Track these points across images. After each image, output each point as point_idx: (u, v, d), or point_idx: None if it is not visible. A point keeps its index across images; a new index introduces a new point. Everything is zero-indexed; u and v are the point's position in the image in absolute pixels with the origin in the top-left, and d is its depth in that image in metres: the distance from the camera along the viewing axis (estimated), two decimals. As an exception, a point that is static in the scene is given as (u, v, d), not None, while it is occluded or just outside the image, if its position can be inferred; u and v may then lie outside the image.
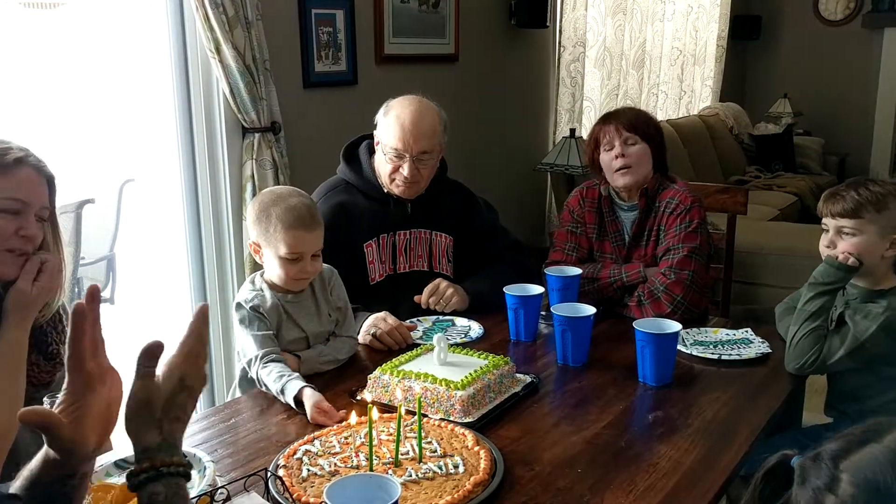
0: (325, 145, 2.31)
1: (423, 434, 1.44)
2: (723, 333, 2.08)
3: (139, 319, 5.46)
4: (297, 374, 1.71)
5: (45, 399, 1.20)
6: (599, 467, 1.42)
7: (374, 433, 1.42)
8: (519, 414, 1.64)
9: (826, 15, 6.83)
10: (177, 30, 2.79)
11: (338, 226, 2.18)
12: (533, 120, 4.61)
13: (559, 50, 4.53)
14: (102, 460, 1.31)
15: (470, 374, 1.64)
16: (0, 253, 1.41)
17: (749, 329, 2.09)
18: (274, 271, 1.84)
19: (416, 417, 1.44)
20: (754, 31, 6.96)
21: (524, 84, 4.46)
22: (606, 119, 2.29)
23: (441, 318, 2.22)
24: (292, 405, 1.63)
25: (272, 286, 1.86)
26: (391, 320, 2.04)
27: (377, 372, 1.70)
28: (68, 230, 4.19)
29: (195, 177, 2.92)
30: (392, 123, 2.18)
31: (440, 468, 1.37)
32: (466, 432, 1.49)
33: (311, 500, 1.26)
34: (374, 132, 2.26)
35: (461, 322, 2.19)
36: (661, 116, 5.80)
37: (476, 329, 2.14)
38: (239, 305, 1.83)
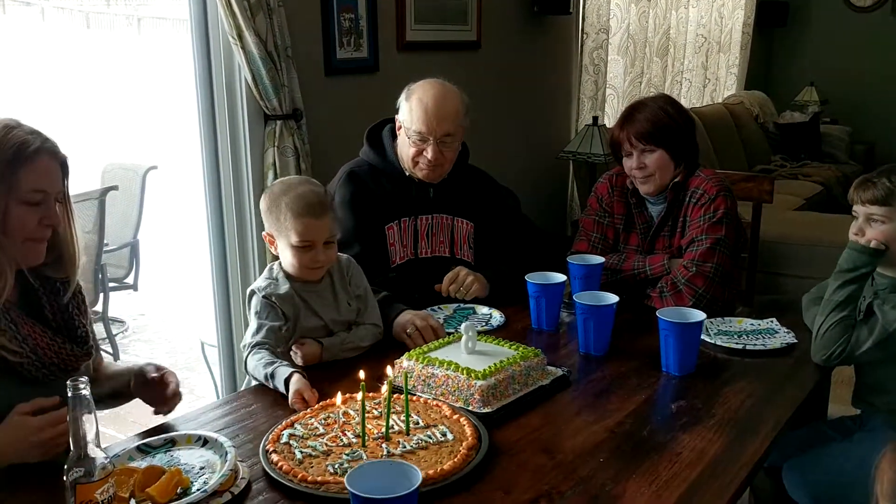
0: (347, 132, 2.31)
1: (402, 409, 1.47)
2: (747, 323, 2.05)
3: (162, 305, 5.52)
4: (285, 361, 1.71)
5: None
6: (622, 457, 1.40)
7: (356, 411, 1.44)
8: (540, 403, 1.62)
9: (855, 2, 6.72)
10: (199, 16, 2.79)
11: (359, 205, 2.18)
12: (555, 108, 4.58)
13: (582, 37, 4.48)
14: (125, 444, 1.33)
15: (494, 364, 1.62)
16: (24, 242, 1.42)
17: (774, 319, 2.06)
18: (287, 261, 1.83)
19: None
20: (781, 18, 6.86)
21: (546, 71, 4.43)
22: (622, 125, 2.24)
23: (462, 305, 2.21)
24: (281, 390, 1.62)
25: (289, 276, 1.85)
26: (424, 321, 1.96)
27: (403, 357, 1.70)
28: (92, 217, 4.22)
29: (217, 164, 2.93)
30: (415, 106, 2.17)
31: (430, 438, 1.41)
32: (441, 404, 1.54)
33: (318, 478, 1.27)
34: (397, 116, 2.25)
35: (482, 310, 2.18)
36: (684, 104, 5.73)
37: (497, 317, 2.13)
38: (252, 293, 1.84)
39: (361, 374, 1.48)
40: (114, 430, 3.76)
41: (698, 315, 1.77)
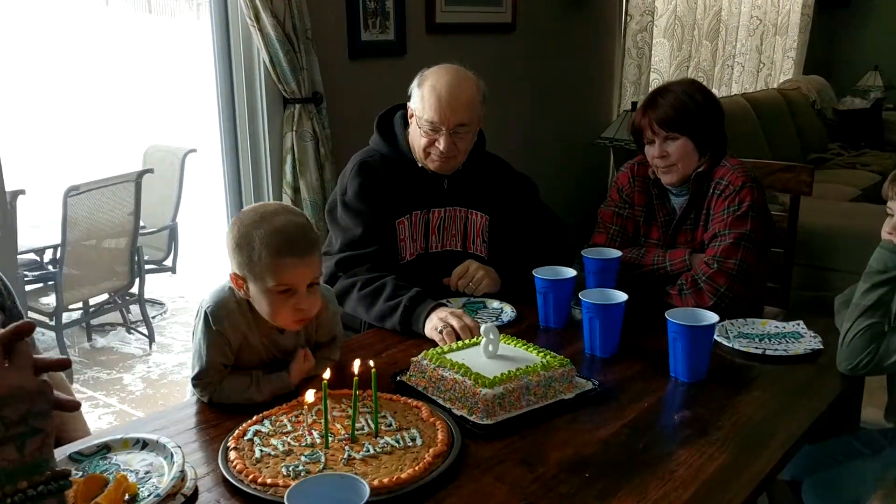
0: (370, 117, 2.23)
1: (377, 408, 1.39)
2: (771, 326, 1.91)
3: (201, 288, 5.56)
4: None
5: None
6: (610, 472, 1.30)
7: (327, 409, 1.36)
8: (555, 418, 1.49)
9: (924, -19, 6.36)
10: (218, -2, 2.75)
11: (369, 200, 2.10)
12: (596, 93, 4.43)
13: (625, 19, 4.32)
14: (56, 454, 1.27)
15: (509, 371, 1.50)
16: None
17: (801, 322, 1.92)
18: (263, 309, 1.51)
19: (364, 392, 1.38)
20: (844, 0, 6.54)
21: (586, 55, 4.28)
22: (644, 110, 2.11)
23: (472, 299, 2.12)
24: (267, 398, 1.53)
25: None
26: (460, 320, 1.83)
27: (420, 356, 1.61)
28: (129, 199, 4.24)
29: (236, 148, 2.89)
30: (427, 94, 2.06)
31: (398, 441, 1.33)
32: (420, 404, 1.45)
33: (268, 480, 1.20)
34: (409, 103, 2.15)
35: (493, 304, 2.09)
36: (735, 90, 5.52)
37: (509, 312, 2.03)
38: (205, 315, 1.54)
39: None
40: (143, 412, 3.79)
41: (711, 317, 1.64)
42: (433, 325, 1.84)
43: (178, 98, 7.68)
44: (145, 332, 4.60)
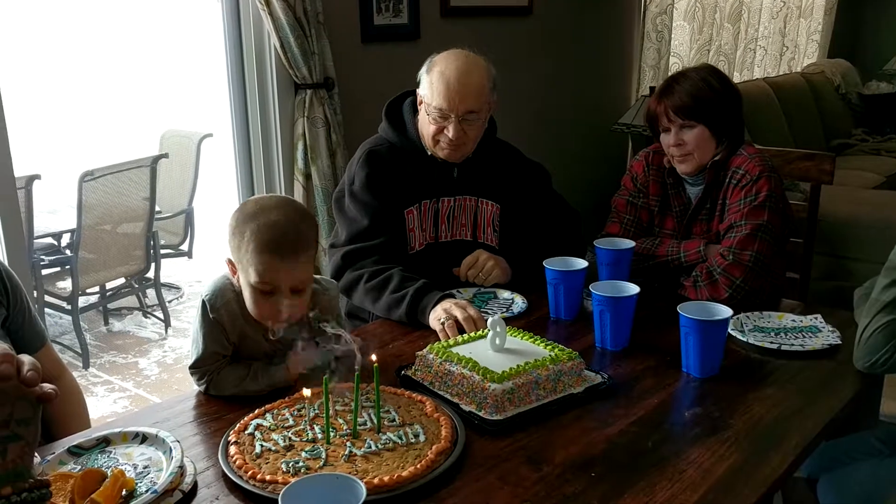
0: (383, 104, 2.19)
1: (380, 403, 1.36)
2: (788, 319, 1.86)
3: (217, 273, 5.57)
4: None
5: None
6: (616, 472, 1.26)
7: (329, 404, 1.33)
8: (565, 413, 1.46)
9: (955, -39, 6.19)
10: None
11: (377, 191, 2.07)
12: (613, 78, 4.36)
13: (645, 1, 4.24)
14: (55, 448, 1.25)
15: (517, 365, 1.47)
16: None
17: (819, 316, 1.86)
18: (247, 300, 1.49)
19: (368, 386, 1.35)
20: (871, -19, 6.39)
21: (604, 38, 4.21)
22: (660, 97, 2.06)
23: (482, 289, 2.09)
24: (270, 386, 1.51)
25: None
26: (464, 311, 1.78)
27: (426, 350, 1.58)
28: (144, 184, 4.24)
29: (248, 134, 2.87)
30: (436, 80, 2.02)
31: (400, 438, 1.30)
32: (425, 399, 1.42)
33: (267, 477, 1.18)
34: (418, 90, 2.11)
35: (504, 294, 2.05)
36: (758, 74, 5.41)
37: (519, 303, 2.00)
38: (203, 304, 1.53)
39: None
40: (158, 396, 3.81)
41: (724, 311, 1.59)
42: (437, 316, 1.81)
43: (194, 82, 7.67)
44: (161, 316, 4.62)
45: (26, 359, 0.84)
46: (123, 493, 1.12)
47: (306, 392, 1.32)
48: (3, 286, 1.46)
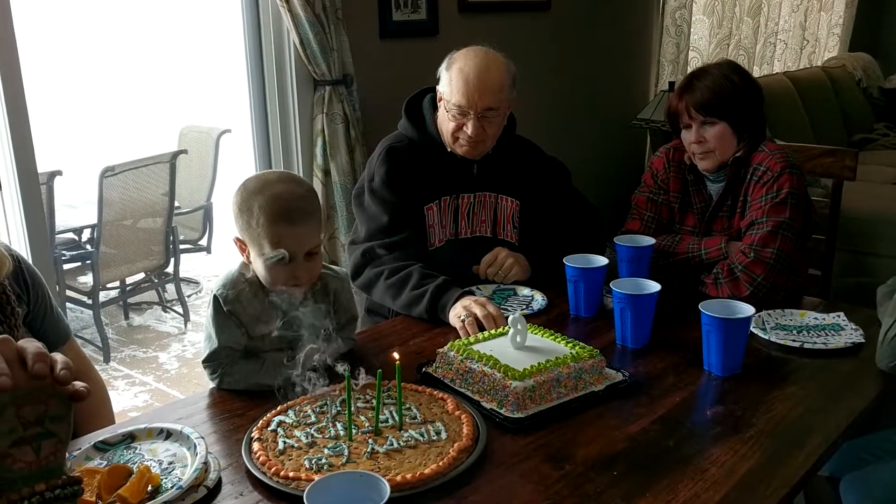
0: (402, 99, 2.20)
1: (401, 400, 1.36)
2: (810, 317, 1.85)
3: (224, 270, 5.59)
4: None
5: None
6: (639, 470, 1.26)
7: (351, 401, 1.34)
8: (586, 411, 1.46)
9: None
10: (247, -22, 2.73)
11: (396, 188, 2.07)
12: (632, 73, 4.34)
13: (664, -5, 4.21)
14: (80, 444, 1.27)
15: (539, 363, 1.47)
16: None
17: (841, 314, 1.85)
18: (261, 273, 1.54)
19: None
20: (893, -27, 6.31)
21: (623, 33, 4.19)
22: (681, 93, 2.05)
23: (501, 286, 2.08)
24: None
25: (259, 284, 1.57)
26: (483, 309, 1.79)
27: (447, 347, 1.58)
28: (163, 180, 4.27)
29: (267, 130, 2.88)
30: (455, 77, 2.02)
31: (422, 435, 1.30)
32: (446, 396, 1.43)
33: (290, 473, 1.19)
34: (438, 87, 2.11)
35: (523, 291, 2.05)
36: (777, 68, 5.37)
37: (539, 300, 2.00)
38: (214, 299, 1.55)
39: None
40: (178, 391, 3.84)
41: (747, 310, 1.58)
42: (456, 313, 1.81)
43: (211, 78, 7.71)
44: (180, 310, 4.65)
45: (59, 357, 0.85)
46: (149, 488, 1.14)
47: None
48: (23, 283, 1.47)
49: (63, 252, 4.19)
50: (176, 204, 4.49)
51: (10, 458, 0.82)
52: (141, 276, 4.51)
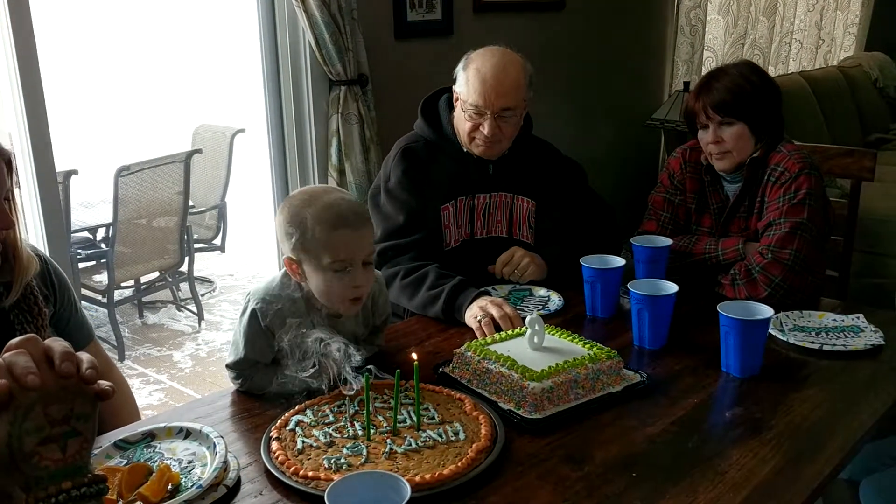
0: (417, 99, 2.20)
1: (419, 400, 1.36)
2: (829, 318, 1.83)
3: (249, 267, 5.62)
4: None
5: None
6: (658, 472, 1.26)
7: (369, 401, 1.35)
8: (604, 412, 1.45)
9: None
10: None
11: (412, 188, 2.07)
12: (646, 72, 4.32)
13: (679, -5, 4.20)
14: (101, 442, 1.27)
15: (556, 364, 1.47)
16: None
17: (861, 315, 1.84)
18: (319, 288, 1.48)
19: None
20: (909, -28, 6.25)
21: (638, 33, 4.18)
22: (698, 93, 2.04)
23: (517, 286, 2.08)
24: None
25: (311, 302, 1.54)
26: (500, 309, 1.78)
27: (464, 347, 1.58)
28: (178, 179, 4.29)
29: (282, 131, 2.88)
30: (472, 77, 2.02)
31: (440, 436, 1.30)
32: (464, 397, 1.42)
33: (310, 473, 1.19)
34: (454, 87, 2.11)
35: (539, 292, 2.05)
36: (793, 68, 5.34)
37: (556, 300, 1.99)
38: (252, 312, 1.50)
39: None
40: (192, 389, 3.85)
41: (765, 311, 1.58)
42: (473, 313, 1.81)
43: (226, 78, 7.75)
44: (195, 309, 4.67)
45: (85, 357, 0.86)
46: (169, 487, 1.14)
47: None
48: (50, 284, 1.48)
49: (78, 251, 4.22)
50: (190, 203, 4.51)
51: (37, 455, 0.83)
52: (155, 274, 4.53)
